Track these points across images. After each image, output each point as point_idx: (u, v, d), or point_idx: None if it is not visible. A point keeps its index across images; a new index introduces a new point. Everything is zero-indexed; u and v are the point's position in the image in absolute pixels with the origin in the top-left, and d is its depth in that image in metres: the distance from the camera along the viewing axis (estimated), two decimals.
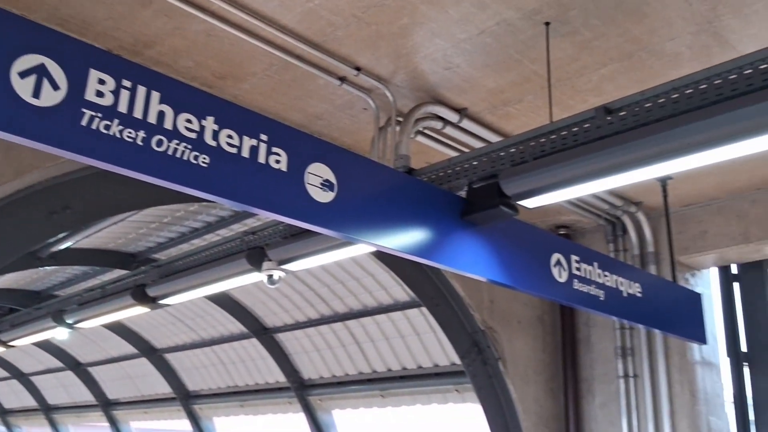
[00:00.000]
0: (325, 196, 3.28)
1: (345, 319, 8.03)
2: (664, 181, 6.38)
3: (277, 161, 3.11)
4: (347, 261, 7.21)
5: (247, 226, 6.36)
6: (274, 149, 3.11)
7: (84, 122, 2.59)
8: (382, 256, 6.53)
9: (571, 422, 7.16)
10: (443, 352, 7.46)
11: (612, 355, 7.10)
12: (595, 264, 4.98)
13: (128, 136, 2.69)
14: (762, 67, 2.95)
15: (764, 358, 7.46)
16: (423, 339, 7.53)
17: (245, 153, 3.02)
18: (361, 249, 4.74)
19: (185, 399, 12.08)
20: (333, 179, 3.32)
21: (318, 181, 3.25)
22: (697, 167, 5.73)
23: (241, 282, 5.71)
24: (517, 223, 4.45)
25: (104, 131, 2.62)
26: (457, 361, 7.11)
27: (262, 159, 3.07)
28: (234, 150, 2.99)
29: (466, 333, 6.93)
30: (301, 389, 9.20)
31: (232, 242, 5.73)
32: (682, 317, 5.76)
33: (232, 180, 2.95)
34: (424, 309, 7.11)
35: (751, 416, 7.33)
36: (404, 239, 3.74)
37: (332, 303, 8.02)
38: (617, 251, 7.24)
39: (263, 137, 3.09)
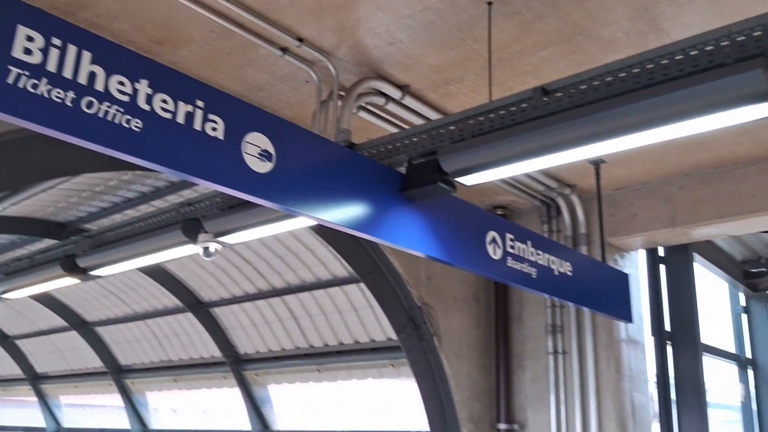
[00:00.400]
0: (262, 167, 3.24)
1: (283, 294, 7.99)
2: (597, 165, 6.57)
3: (214, 129, 3.06)
4: (286, 235, 7.17)
5: (182, 198, 6.23)
6: (211, 116, 3.05)
7: (10, 80, 2.49)
8: (321, 231, 6.52)
9: (501, 396, 7.35)
10: (380, 328, 7.53)
11: (543, 332, 7.30)
12: (529, 242, 5.11)
13: (57, 97, 2.60)
14: (692, 53, 3.06)
15: (686, 338, 7.83)
16: (360, 314, 7.57)
17: (180, 119, 2.96)
18: (299, 223, 4.71)
19: (117, 373, 11.84)
20: (271, 149, 3.29)
21: (256, 150, 3.21)
22: (629, 151, 5.90)
23: (176, 254, 5.61)
24: (455, 200, 4.51)
25: (32, 90, 2.52)
26: (394, 336, 7.19)
27: (197, 126, 3.01)
28: (168, 115, 2.92)
29: (402, 309, 7.01)
30: (236, 364, 9.14)
31: (167, 213, 5.60)
32: (610, 296, 5.97)
33: (166, 146, 2.88)
34: (362, 285, 7.14)
35: (673, 393, 7.71)
36: (343, 213, 3.75)
37: (270, 278, 7.96)
38: (551, 232, 7.42)
39: (199, 104, 3.03)
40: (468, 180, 3.90)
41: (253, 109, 3.30)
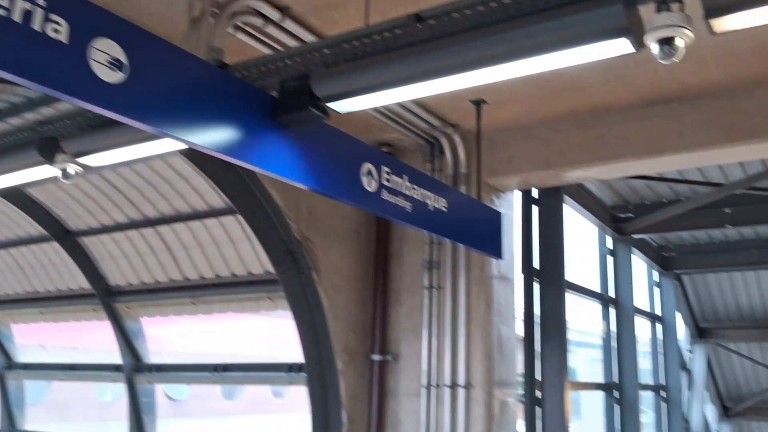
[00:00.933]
0: (113, 76, 3.00)
1: (156, 224, 7.66)
2: (478, 105, 6.66)
3: (56, 30, 2.78)
4: (158, 163, 6.83)
5: (41, 116, 5.77)
6: (53, 17, 2.77)
7: None
8: (195, 159, 6.25)
9: (377, 329, 7.49)
10: (258, 261, 7.41)
11: (420, 268, 7.45)
12: (405, 177, 5.13)
13: None
14: None
15: (552, 276, 8.26)
16: (238, 247, 7.40)
17: (17, 17, 2.67)
18: (165, 146, 4.47)
19: None
20: (124, 59, 3.05)
21: (105, 58, 2.96)
22: (510, 94, 5.96)
23: (34, 176, 5.22)
24: (331, 129, 4.43)
25: None
26: (272, 269, 7.11)
27: (37, 26, 2.72)
28: (3, 12, 2.63)
29: (281, 242, 6.91)
30: (107, 296, 8.76)
31: (24, 132, 5.20)
32: (482, 233, 6.16)
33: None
34: (239, 216, 6.96)
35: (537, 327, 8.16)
36: (209, 134, 3.58)
37: (142, 207, 7.60)
38: (434, 171, 7.50)
39: (39, 1, 2.73)
40: (340, 106, 3.82)
41: (102, 12, 3.02)
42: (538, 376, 7.96)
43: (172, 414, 17.96)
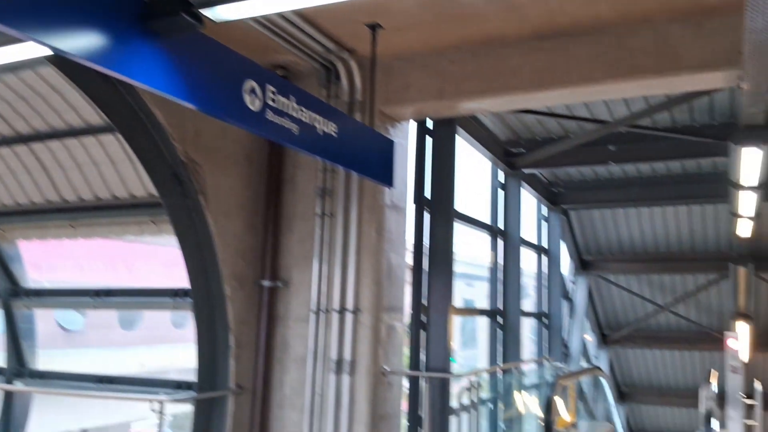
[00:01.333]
0: None
1: (29, 141, 7.16)
2: (373, 29, 6.52)
3: None
4: (29, 75, 6.32)
5: None
6: None
7: None
8: (68, 71, 5.80)
9: (267, 255, 7.41)
10: (140, 183, 7.09)
11: (313, 195, 7.38)
12: (292, 98, 4.99)
13: None
14: None
15: (442, 206, 8.41)
16: (119, 168, 7.04)
17: None
18: (27, 51, 4.15)
19: None
20: None
21: None
22: (407, 20, 5.83)
23: None
24: (210, 41, 4.21)
25: None
26: (156, 192, 6.83)
27: None
28: None
29: (166, 164, 6.61)
30: None
31: None
32: (374, 161, 6.14)
33: None
34: (119, 136, 6.60)
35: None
36: (70, 37, 3.33)
37: (14, 122, 7.05)
38: (330, 97, 7.34)
39: None
40: (214, 14, 3.62)
41: None
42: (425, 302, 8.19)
43: (67, 344, 17.41)
